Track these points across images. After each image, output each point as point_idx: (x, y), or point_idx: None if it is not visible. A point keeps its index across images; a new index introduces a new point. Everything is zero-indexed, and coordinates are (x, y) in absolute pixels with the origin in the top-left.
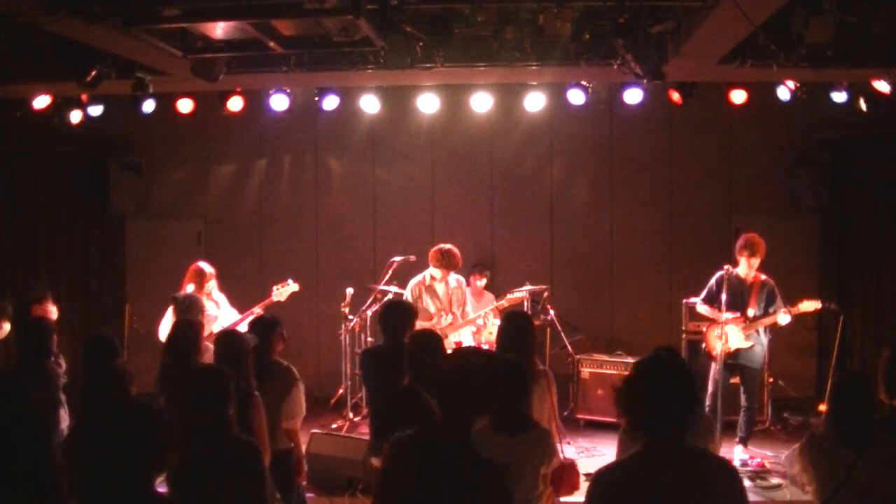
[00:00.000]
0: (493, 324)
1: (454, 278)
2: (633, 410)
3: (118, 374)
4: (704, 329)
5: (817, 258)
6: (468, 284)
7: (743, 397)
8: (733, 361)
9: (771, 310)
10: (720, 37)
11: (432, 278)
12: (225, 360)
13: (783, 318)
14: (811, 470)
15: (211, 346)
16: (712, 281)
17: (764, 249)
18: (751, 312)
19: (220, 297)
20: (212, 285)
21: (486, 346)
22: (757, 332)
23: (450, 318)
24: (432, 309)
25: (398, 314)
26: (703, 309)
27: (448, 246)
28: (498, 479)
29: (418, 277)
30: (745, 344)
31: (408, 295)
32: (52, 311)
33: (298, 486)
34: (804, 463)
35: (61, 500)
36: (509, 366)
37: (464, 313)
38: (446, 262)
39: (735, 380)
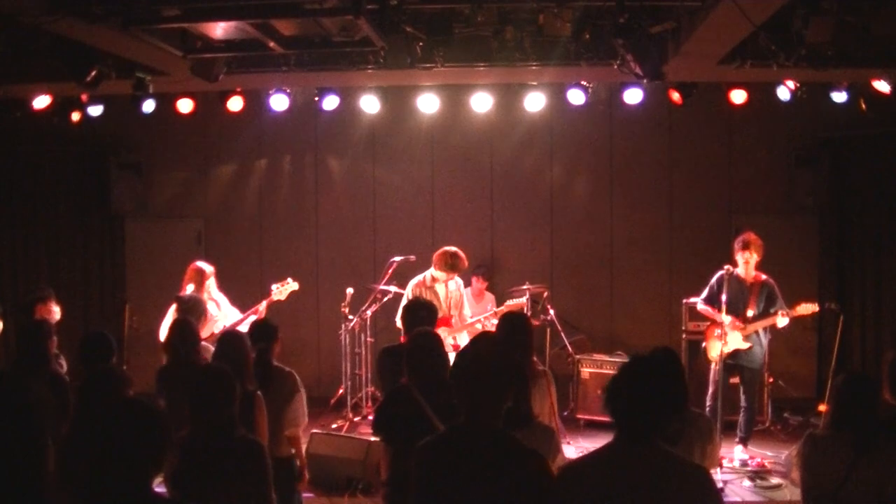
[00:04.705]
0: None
1: (454, 281)
2: (611, 406)
3: (115, 374)
4: (704, 329)
5: (817, 258)
6: (469, 285)
7: (743, 397)
8: (733, 362)
9: (771, 311)
10: (720, 37)
11: (433, 279)
12: (227, 361)
13: (781, 320)
14: (807, 470)
15: (210, 346)
16: (713, 280)
17: (761, 248)
18: (750, 313)
19: (220, 297)
20: (211, 284)
21: None
22: (756, 332)
23: (454, 320)
24: None
25: (422, 312)
26: (703, 308)
27: (454, 249)
28: (543, 464)
29: (419, 278)
30: (744, 345)
31: (409, 295)
32: (55, 312)
33: (299, 492)
34: (801, 463)
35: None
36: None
37: (461, 316)
38: (452, 264)
39: (735, 380)
